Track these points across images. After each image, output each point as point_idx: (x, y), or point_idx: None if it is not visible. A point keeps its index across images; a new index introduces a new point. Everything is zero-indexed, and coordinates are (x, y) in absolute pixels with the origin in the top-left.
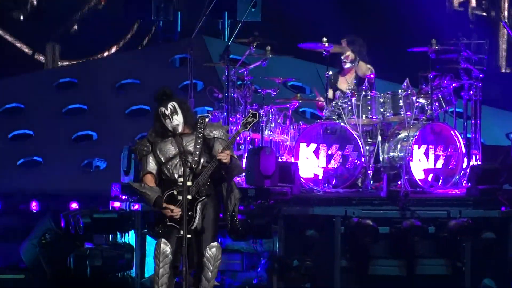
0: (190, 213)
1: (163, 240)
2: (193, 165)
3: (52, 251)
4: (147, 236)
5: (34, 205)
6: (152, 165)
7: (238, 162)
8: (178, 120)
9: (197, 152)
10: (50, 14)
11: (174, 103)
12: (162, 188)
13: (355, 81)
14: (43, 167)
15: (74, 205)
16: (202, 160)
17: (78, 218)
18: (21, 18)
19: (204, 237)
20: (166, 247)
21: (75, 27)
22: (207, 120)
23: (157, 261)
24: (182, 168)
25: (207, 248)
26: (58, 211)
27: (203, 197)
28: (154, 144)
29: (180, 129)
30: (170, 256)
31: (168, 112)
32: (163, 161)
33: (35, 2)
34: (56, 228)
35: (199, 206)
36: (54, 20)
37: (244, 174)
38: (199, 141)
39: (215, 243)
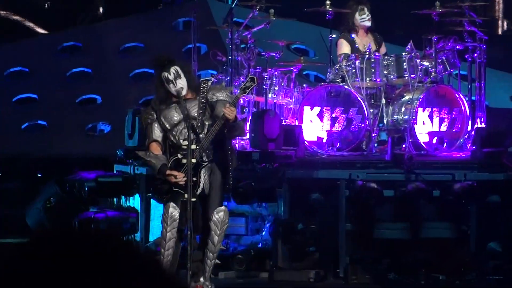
0: (194, 179)
1: (171, 204)
2: (197, 130)
3: (57, 215)
4: (151, 200)
5: (38, 169)
6: (157, 133)
7: (241, 123)
8: (181, 83)
9: (200, 117)
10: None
11: (177, 67)
12: (168, 155)
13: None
14: (47, 131)
15: (78, 169)
16: (206, 124)
17: (82, 182)
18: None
19: (211, 201)
20: (174, 211)
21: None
22: (210, 83)
23: (165, 225)
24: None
25: (214, 212)
26: (62, 175)
27: (207, 162)
28: (159, 112)
29: (184, 92)
30: (178, 220)
31: (171, 76)
32: (168, 128)
33: None
34: (61, 192)
35: (203, 171)
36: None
37: (247, 136)
38: (202, 105)
39: (222, 207)
